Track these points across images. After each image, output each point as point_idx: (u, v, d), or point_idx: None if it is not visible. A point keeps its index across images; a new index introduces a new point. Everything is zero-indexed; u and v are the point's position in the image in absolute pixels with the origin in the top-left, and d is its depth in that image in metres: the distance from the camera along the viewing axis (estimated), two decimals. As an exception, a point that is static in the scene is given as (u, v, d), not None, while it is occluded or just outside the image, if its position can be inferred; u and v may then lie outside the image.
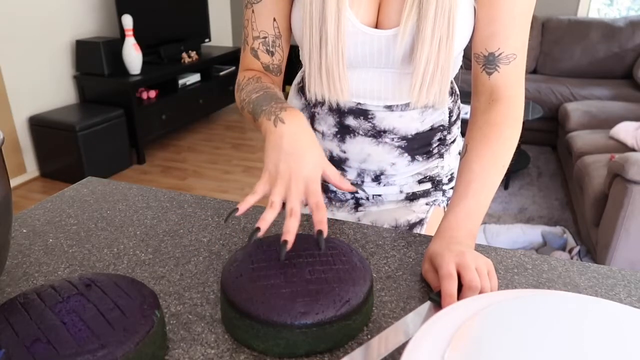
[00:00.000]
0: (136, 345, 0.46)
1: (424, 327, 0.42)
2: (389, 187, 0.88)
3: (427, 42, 0.67)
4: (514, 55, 0.70)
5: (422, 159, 0.85)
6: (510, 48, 0.70)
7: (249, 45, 0.79)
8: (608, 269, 0.68)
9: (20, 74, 2.93)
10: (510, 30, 0.69)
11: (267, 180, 0.60)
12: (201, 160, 3.47)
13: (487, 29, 0.70)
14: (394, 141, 0.82)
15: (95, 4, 3.37)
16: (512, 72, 0.71)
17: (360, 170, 0.86)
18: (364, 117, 0.80)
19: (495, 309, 0.44)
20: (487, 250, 0.71)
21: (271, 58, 0.79)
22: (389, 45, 0.71)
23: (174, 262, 0.68)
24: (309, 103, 0.85)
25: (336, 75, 0.72)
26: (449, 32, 0.67)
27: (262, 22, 0.77)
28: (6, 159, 2.94)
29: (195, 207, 0.83)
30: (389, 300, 0.60)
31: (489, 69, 0.72)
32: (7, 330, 0.46)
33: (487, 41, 0.71)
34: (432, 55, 0.68)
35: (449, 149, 0.88)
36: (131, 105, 3.20)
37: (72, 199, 0.86)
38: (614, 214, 2.02)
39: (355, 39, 0.71)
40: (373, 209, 0.90)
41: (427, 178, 0.88)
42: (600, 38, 3.73)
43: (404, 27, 0.67)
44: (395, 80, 0.76)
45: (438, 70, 0.69)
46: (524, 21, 0.70)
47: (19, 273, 0.65)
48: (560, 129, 3.37)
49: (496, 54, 0.71)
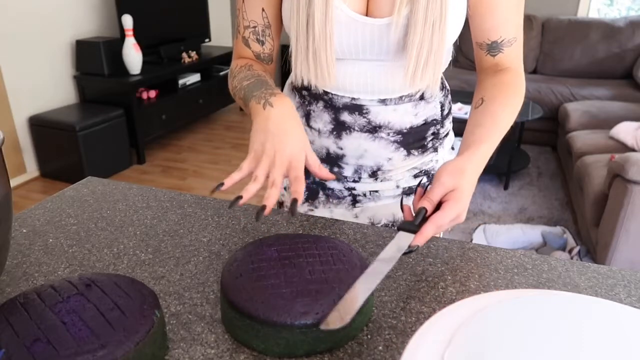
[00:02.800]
0: (136, 345, 0.46)
1: (424, 327, 0.42)
2: (385, 182, 0.88)
3: (420, 26, 0.68)
4: (514, 38, 0.76)
5: (418, 153, 0.86)
6: (510, 33, 0.75)
7: (241, 34, 0.81)
8: (608, 269, 0.68)
9: (20, 74, 2.93)
10: (509, 18, 0.74)
11: (253, 158, 0.63)
12: (201, 160, 3.47)
13: (487, 21, 0.74)
14: (390, 136, 0.83)
15: (95, 4, 3.37)
16: (514, 51, 0.77)
17: (357, 167, 0.86)
18: (358, 112, 0.80)
19: (495, 309, 0.44)
20: (487, 250, 0.71)
21: (262, 47, 0.81)
22: (381, 35, 0.71)
23: (174, 262, 0.68)
24: (304, 100, 0.85)
25: (323, 59, 0.72)
26: (441, 15, 0.67)
27: (252, 12, 0.78)
28: (6, 159, 2.94)
29: (195, 207, 0.83)
30: (389, 300, 0.60)
31: (493, 52, 0.77)
32: (7, 330, 0.46)
33: (489, 32, 0.75)
34: (425, 39, 0.69)
35: (442, 142, 0.90)
36: (131, 105, 3.20)
37: (72, 199, 0.86)
38: (614, 214, 2.02)
39: (347, 28, 0.71)
40: (370, 204, 0.90)
41: (422, 172, 0.89)
42: (600, 38, 3.73)
43: (397, 15, 0.68)
44: (387, 72, 0.76)
45: (432, 54, 0.70)
46: (519, 5, 0.74)
47: (19, 273, 0.65)
48: (560, 129, 3.37)
49: (498, 41, 0.76)
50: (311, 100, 0.84)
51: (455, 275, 0.66)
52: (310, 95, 0.84)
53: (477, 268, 0.67)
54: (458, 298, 0.61)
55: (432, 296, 0.61)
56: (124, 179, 3.17)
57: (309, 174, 0.91)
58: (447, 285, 0.64)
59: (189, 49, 3.86)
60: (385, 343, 0.53)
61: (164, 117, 3.50)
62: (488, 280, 0.65)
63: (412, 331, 0.55)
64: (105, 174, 3.12)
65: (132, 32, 3.23)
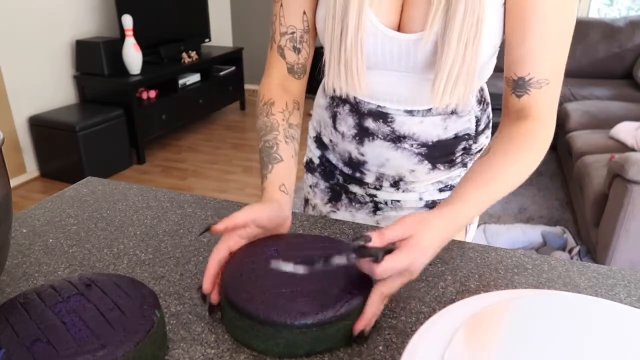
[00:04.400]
0: (136, 345, 0.46)
1: (424, 327, 0.42)
2: (407, 193, 0.86)
3: (454, 45, 0.64)
4: (546, 80, 0.66)
5: (444, 167, 0.82)
6: (541, 73, 0.65)
7: (276, 42, 0.78)
8: (608, 269, 0.67)
9: (20, 74, 2.93)
10: (542, 55, 0.64)
11: None
12: (201, 160, 3.47)
13: (517, 51, 0.66)
14: (414, 147, 0.79)
15: (95, 4, 3.37)
16: (544, 96, 0.67)
17: (378, 175, 0.84)
18: (383, 120, 0.78)
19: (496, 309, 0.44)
20: (487, 250, 0.71)
21: (297, 56, 0.78)
22: (409, 49, 0.69)
23: (174, 262, 0.68)
24: (333, 102, 0.84)
25: (354, 68, 0.71)
26: (476, 33, 0.64)
27: (292, 16, 0.76)
28: (6, 159, 2.94)
29: (195, 207, 0.83)
30: (389, 300, 0.60)
31: (519, 92, 0.68)
32: (7, 330, 0.46)
33: (517, 65, 0.67)
34: (457, 57, 0.65)
35: (474, 158, 0.85)
36: (131, 105, 3.19)
37: (72, 199, 0.86)
38: (614, 214, 2.02)
39: (376, 40, 0.70)
40: (392, 213, 0.88)
41: (448, 187, 0.85)
42: (600, 38, 3.73)
43: (429, 32, 0.65)
44: (416, 85, 0.74)
45: (463, 71, 0.66)
46: (560, 44, 0.65)
47: (19, 273, 0.65)
48: (560, 129, 3.37)
49: (526, 79, 0.66)
50: (339, 103, 0.83)
51: (455, 275, 0.66)
52: (338, 98, 0.82)
53: (477, 268, 0.67)
54: (458, 298, 0.61)
55: (432, 296, 0.61)
56: (124, 179, 3.16)
57: (333, 175, 0.91)
58: (447, 285, 0.64)
59: (189, 49, 3.86)
60: (385, 343, 0.53)
61: (164, 117, 3.50)
62: (488, 280, 0.65)
63: (412, 331, 0.55)
64: (105, 174, 3.12)
65: (132, 32, 3.23)
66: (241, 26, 4.91)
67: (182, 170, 3.31)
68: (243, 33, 4.91)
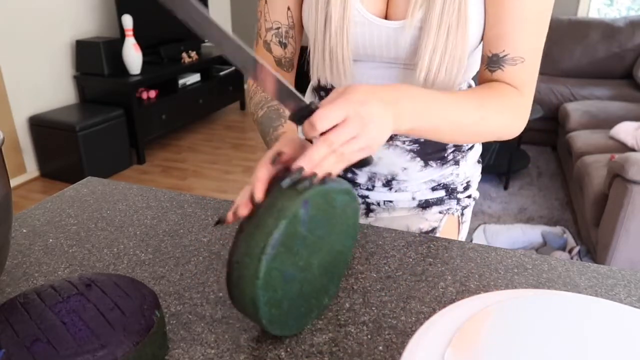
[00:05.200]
0: (136, 345, 0.46)
1: (424, 327, 0.42)
2: (400, 193, 0.86)
3: (434, 31, 0.65)
4: (521, 58, 0.65)
5: (436, 165, 0.83)
6: (516, 51, 0.65)
7: (262, 38, 0.79)
8: (608, 269, 0.68)
9: (20, 74, 2.93)
10: (519, 33, 0.65)
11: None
12: (201, 160, 3.47)
13: (493, 29, 0.66)
14: (405, 144, 0.80)
15: (95, 4, 3.37)
16: (518, 74, 0.66)
17: (370, 174, 0.84)
18: None
19: (495, 309, 0.44)
20: (487, 250, 0.71)
21: (284, 51, 0.79)
22: (396, 37, 0.69)
23: (174, 262, 0.68)
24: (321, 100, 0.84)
25: (339, 57, 0.71)
26: (459, 20, 0.64)
27: (276, 12, 0.77)
28: (6, 159, 2.94)
29: (195, 207, 0.83)
30: (389, 300, 0.60)
31: (492, 67, 0.68)
32: (7, 330, 0.46)
33: (492, 43, 0.67)
34: (439, 44, 0.65)
35: (465, 155, 0.86)
36: (131, 105, 3.19)
37: (72, 199, 0.86)
38: (614, 214, 2.02)
39: (363, 29, 0.70)
40: (384, 215, 0.88)
41: (441, 185, 0.86)
42: (600, 38, 3.73)
43: (411, 19, 0.66)
44: (403, 77, 0.74)
45: (445, 60, 0.66)
46: (537, 24, 0.65)
47: (19, 273, 0.65)
48: (560, 129, 3.37)
49: (500, 55, 0.66)
50: None
51: (455, 275, 0.66)
52: (327, 96, 0.83)
53: (477, 268, 0.67)
54: (458, 298, 0.61)
55: (432, 296, 0.61)
56: (124, 179, 3.17)
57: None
58: (447, 285, 0.64)
59: (189, 49, 3.86)
60: (385, 343, 0.53)
61: (164, 117, 3.50)
62: (488, 280, 0.65)
63: (412, 331, 0.55)
64: (105, 174, 3.12)
65: (132, 32, 3.23)
66: (241, 26, 4.91)
67: (182, 170, 3.31)
68: (243, 33, 4.91)
